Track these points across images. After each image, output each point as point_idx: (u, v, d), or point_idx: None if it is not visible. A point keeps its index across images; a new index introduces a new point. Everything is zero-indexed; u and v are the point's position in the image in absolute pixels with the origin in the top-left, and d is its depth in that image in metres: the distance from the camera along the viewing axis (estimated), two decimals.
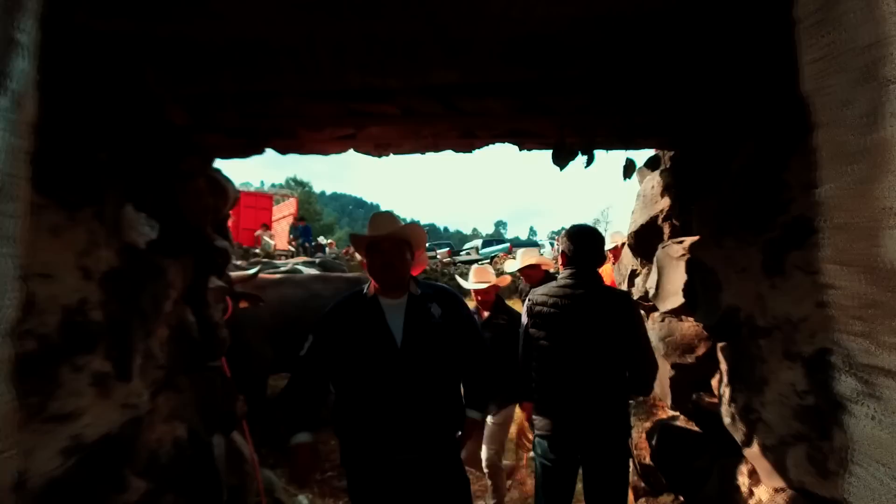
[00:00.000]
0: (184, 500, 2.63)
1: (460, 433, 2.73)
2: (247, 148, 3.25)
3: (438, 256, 23.21)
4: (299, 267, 9.94)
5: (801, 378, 1.95)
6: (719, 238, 2.51)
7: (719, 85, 2.57)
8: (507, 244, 28.64)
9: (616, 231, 6.24)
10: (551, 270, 5.64)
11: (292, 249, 19.32)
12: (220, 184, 3.16)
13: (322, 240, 23.64)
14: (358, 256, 17.19)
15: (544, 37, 2.23)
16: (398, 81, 2.59)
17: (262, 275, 5.75)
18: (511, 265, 5.36)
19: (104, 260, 1.99)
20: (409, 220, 3.13)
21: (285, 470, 5.38)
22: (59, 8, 1.71)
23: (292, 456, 2.56)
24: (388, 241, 2.63)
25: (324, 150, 3.46)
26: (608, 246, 5.86)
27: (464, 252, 29.43)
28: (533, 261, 5.21)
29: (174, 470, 2.53)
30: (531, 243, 35.31)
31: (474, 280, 4.55)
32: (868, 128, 0.91)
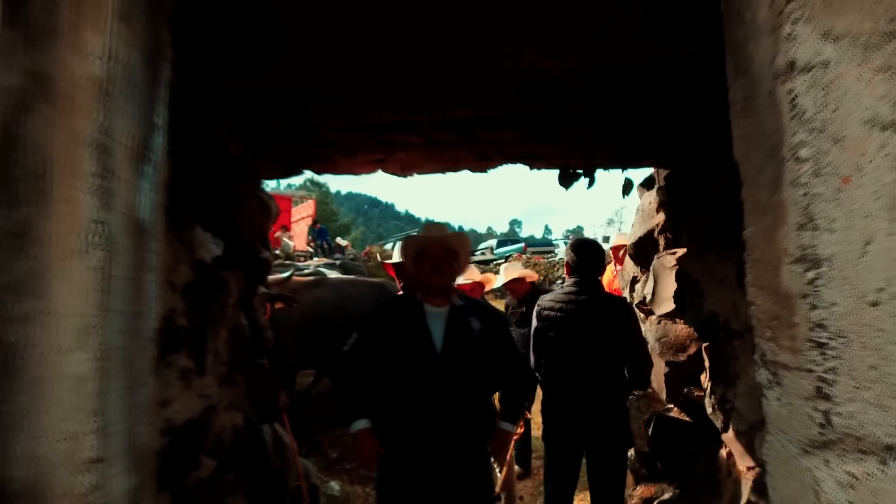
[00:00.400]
0: (241, 480, 3.01)
1: (492, 443, 2.75)
2: (288, 171, 3.63)
3: None
4: (322, 270, 10.26)
5: None
6: (702, 252, 2.84)
7: (703, 116, 2.90)
8: (522, 244, 28.24)
9: (622, 232, 6.41)
10: (538, 282, 5.64)
11: (310, 250, 19.60)
12: (266, 203, 3.54)
13: (340, 241, 23.84)
14: (379, 258, 17.48)
15: (550, 83, 2.58)
16: (424, 117, 2.94)
17: (294, 278, 6.13)
18: (497, 280, 5.25)
19: (184, 275, 2.36)
20: (423, 219, 3.44)
21: (316, 459, 5.77)
22: None
23: (355, 442, 2.63)
24: (438, 247, 2.75)
25: (355, 172, 3.83)
26: (611, 244, 5.97)
27: (478, 252, 29.43)
28: (516, 274, 5.15)
29: (234, 453, 2.90)
30: (546, 242, 35.00)
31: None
32: (773, 191, 1.25)
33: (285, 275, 5.75)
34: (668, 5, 2.00)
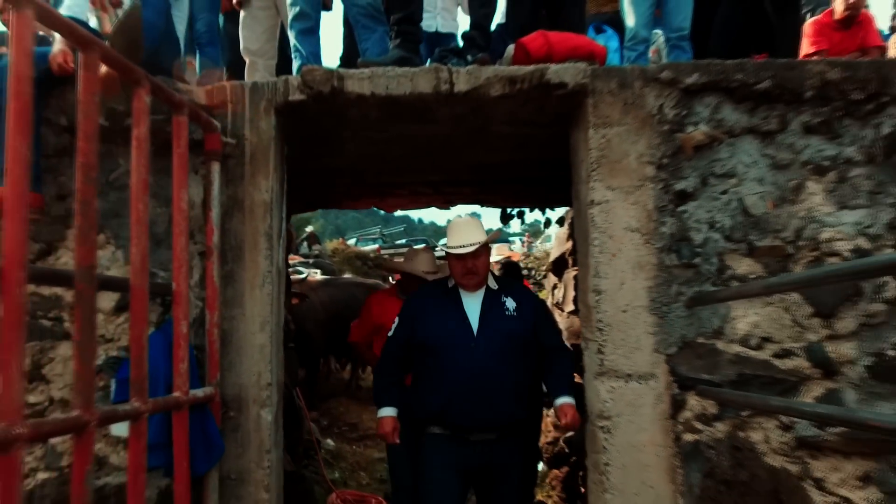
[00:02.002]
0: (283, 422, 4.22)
1: (562, 419, 2.71)
2: (308, 208, 4.84)
3: None
4: (300, 268, 11.22)
5: None
6: None
7: None
8: None
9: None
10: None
11: None
12: (292, 233, 4.74)
13: (311, 229, 23.58)
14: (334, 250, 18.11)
15: (493, 164, 3.85)
16: (409, 179, 4.20)
17: (309, 279, 7.29)
18: None
19: None
20: (382, 212, 4.34)
21: (315, 422, 6.96)
22: None
23: (380, 423, 2.73)
24: (471, 252, 2.66)
25: (355, 208, 5.07)
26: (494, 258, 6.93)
27: (440, 247, 30.03)
28: None
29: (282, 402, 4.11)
30: (503, 239, 35.65)
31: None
32: (585, 258, 2.55)
33: (301, 277, 6.89)
34: (562, 134, 3.28)
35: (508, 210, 4.75)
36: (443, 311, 2.72)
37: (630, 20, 3.44)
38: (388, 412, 2.73)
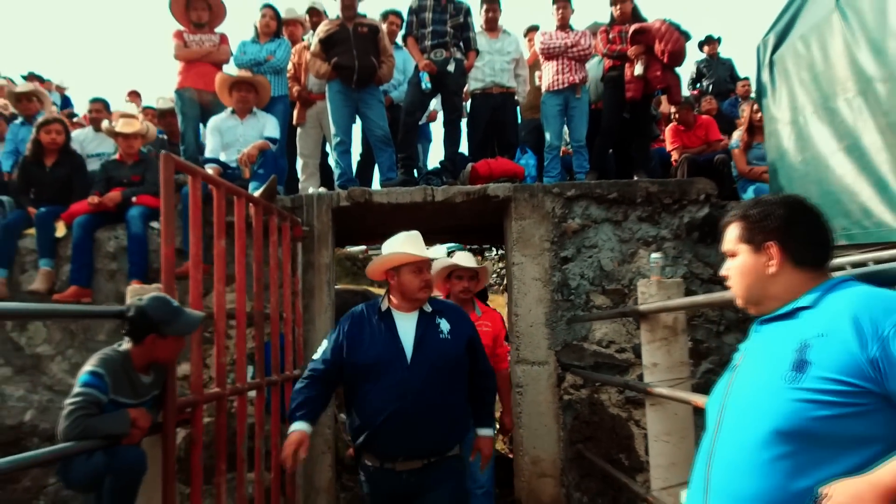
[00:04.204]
0: None
1: (476, 451, 2.62)
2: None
3: None
4: None
5: None
6: None
7: None
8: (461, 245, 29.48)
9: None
10: None
11: None
12: None
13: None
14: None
15: (461, 225, 5.51)
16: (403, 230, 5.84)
17: None
18: None
19: None
20: None
21: None
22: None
23: (287, 440, 2.39)
24: (428, 264, 2.64)
25: (360, 245, 6.71)
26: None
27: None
28: None
29: None
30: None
31: None
32: (508, 297, 4.24)
33: None
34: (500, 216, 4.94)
35: (472, 248, 6.43)
36: (375, 333, 2.54)
37: (546, 134, 5.14)
38: (298, 427, 2.42)
